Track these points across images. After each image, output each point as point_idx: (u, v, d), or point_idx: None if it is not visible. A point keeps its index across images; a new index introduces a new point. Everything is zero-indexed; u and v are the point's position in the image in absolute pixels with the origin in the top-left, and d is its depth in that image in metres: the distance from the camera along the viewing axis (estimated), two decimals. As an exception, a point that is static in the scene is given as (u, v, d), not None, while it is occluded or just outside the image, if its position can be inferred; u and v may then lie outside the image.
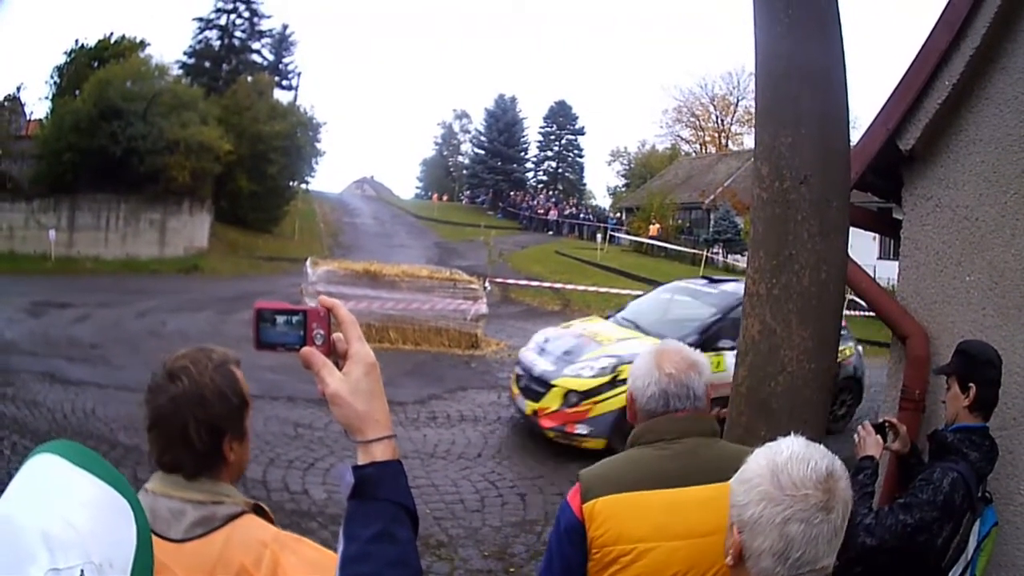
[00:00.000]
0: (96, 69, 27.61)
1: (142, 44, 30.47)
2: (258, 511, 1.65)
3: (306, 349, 1.11)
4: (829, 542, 1.39)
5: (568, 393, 7.67)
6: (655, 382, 2.09)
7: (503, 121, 53.23)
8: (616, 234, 38.77)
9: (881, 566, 2.55)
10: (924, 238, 3.65)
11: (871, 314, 4.26)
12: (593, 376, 7.70)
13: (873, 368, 10.64)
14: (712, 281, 9.88)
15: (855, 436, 2.86)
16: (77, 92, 26.92)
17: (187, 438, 1.58)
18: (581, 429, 7.55)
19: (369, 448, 1.09)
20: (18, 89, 31.40)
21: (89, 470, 0.85)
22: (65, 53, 30.73)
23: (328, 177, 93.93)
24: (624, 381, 7.73)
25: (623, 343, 8.25)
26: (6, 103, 30.11)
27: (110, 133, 24.70)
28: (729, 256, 32.60)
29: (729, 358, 7.79)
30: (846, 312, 3.33)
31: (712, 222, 35.97)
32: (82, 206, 25.41)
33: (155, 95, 26.06)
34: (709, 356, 8.13)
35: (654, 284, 23.90)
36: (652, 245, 35.46)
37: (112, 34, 30.77)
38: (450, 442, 8.10)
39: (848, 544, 2.26)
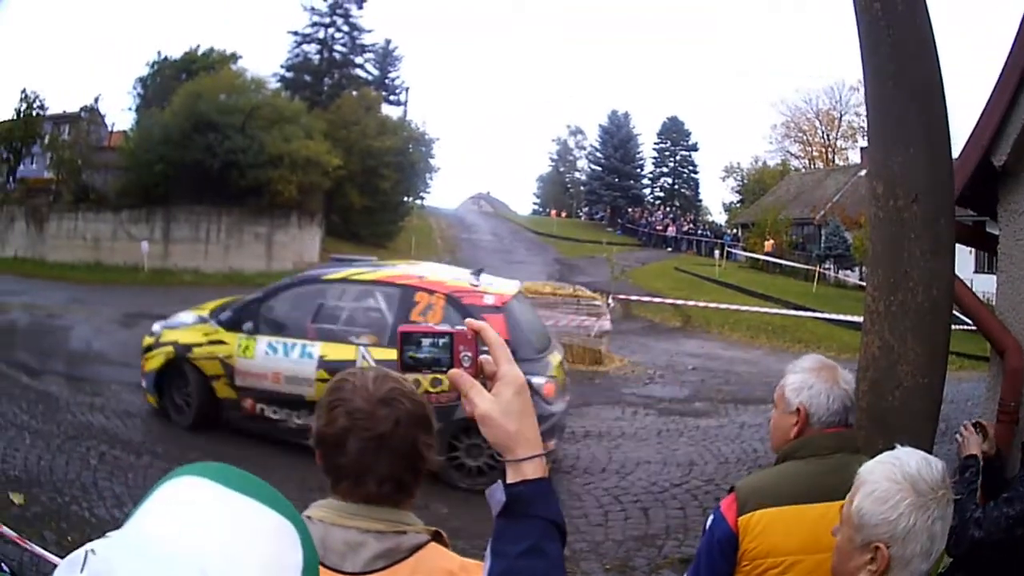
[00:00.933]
0: (184, 81, 28.74)
1: (233, 57, 31.78)
2: (436, 537, 1.60)
3: (454, 371, 1.18)
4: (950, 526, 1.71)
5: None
6: (839, 397, 2.26)
7: (617, 137, 54.69)
8: (733, 250, 38.98)
9: (982, 563, 2.77)
10: (1019, 252, 3.79)
11: (972, 328, 4.46)
12: (149, 335, 8.74)
13: (970, 381, 10.70)
14: (338, 261, 9.13)
15: (958, 436, 3.12)
16: (165, 104, 27.93)
17: (416, 460, 1.58)
18: (143, 382, 8.65)
19: (520, 467, 1.14)
20: (96, 100, 32.71)
21: (246, 493, 0.84)
22: (147, 65, 32.23)
23: (443, 193, 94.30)
24: (160, 345, 8.44)
25: (178, 315, 9.06)
26: (83, 114, 31.45)
27: (205, 146, 25.69)
28: (840, 272, 32.69)
29: (260, 344, 8.00)
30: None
31: (823, 238, 35.89)
32: (178, 218, 26.47)
33: (253, 108, 27.05)
34: (239, 337, 8.26)
35: (770, 300, 23.98)
36: (767, 261, 35.92)
37: (199, 46, 32.17)
38: (575, 457, 8.46)
39: (960, 538, 2.56)
